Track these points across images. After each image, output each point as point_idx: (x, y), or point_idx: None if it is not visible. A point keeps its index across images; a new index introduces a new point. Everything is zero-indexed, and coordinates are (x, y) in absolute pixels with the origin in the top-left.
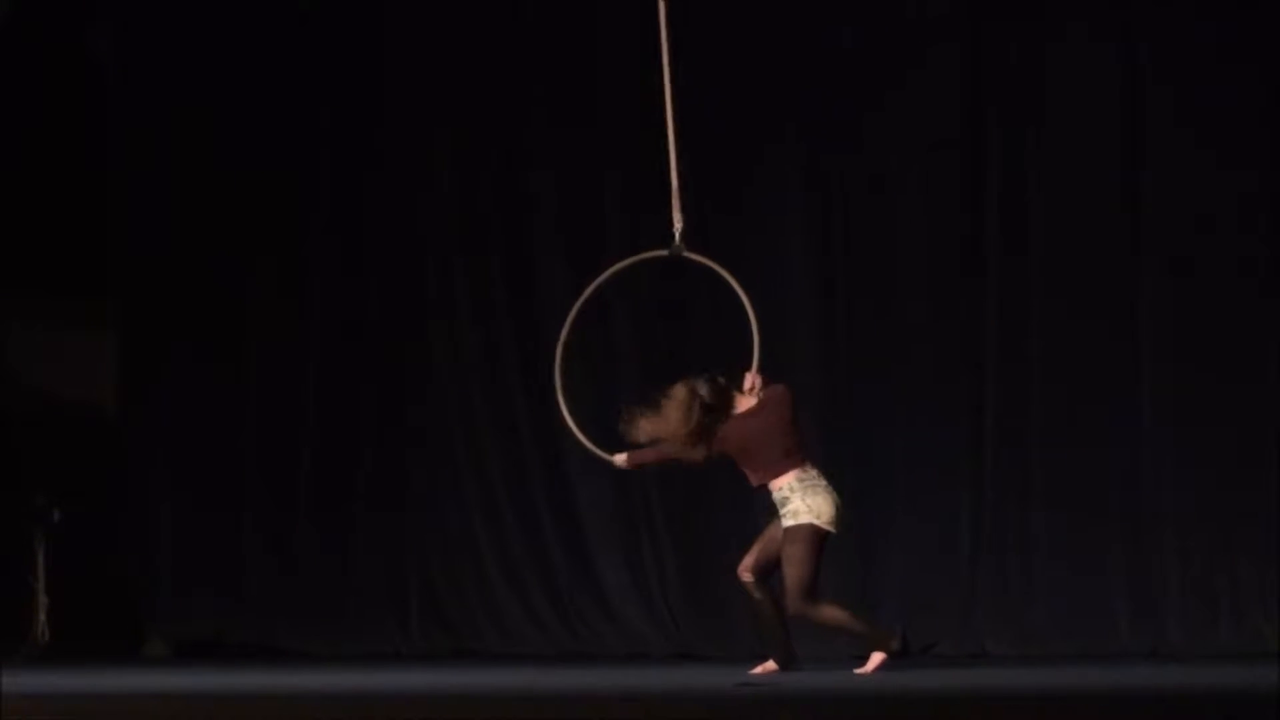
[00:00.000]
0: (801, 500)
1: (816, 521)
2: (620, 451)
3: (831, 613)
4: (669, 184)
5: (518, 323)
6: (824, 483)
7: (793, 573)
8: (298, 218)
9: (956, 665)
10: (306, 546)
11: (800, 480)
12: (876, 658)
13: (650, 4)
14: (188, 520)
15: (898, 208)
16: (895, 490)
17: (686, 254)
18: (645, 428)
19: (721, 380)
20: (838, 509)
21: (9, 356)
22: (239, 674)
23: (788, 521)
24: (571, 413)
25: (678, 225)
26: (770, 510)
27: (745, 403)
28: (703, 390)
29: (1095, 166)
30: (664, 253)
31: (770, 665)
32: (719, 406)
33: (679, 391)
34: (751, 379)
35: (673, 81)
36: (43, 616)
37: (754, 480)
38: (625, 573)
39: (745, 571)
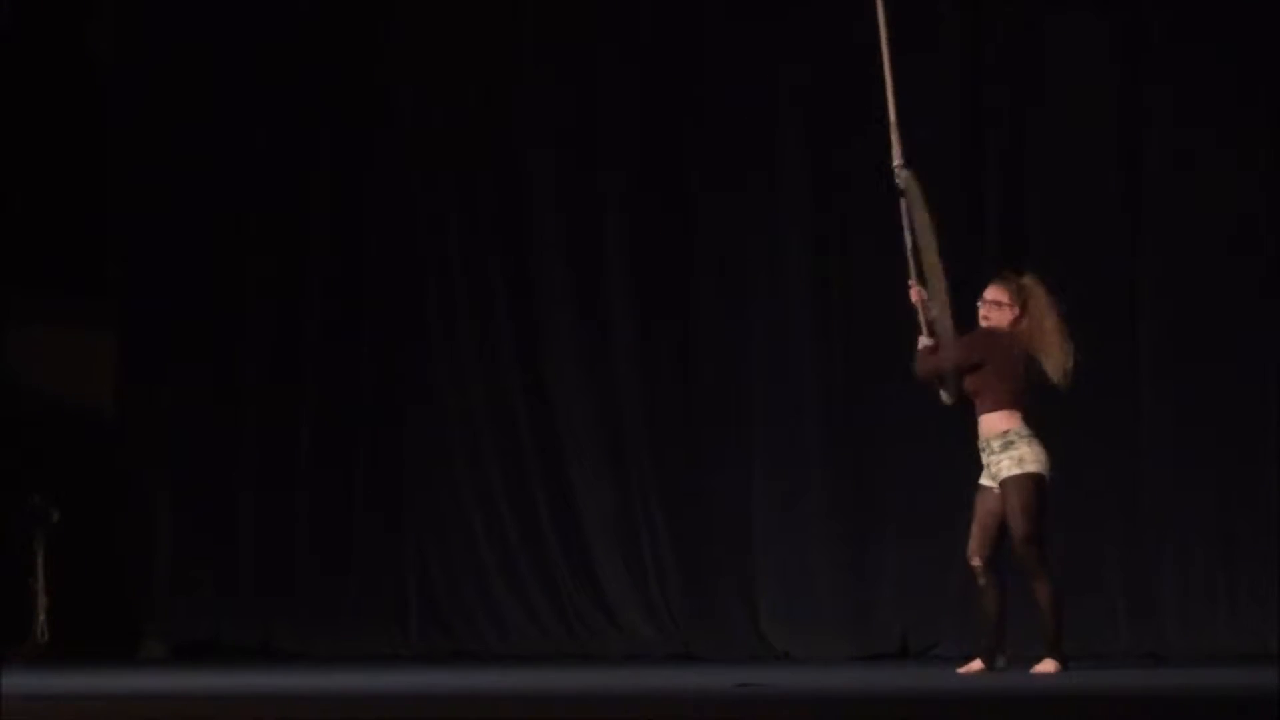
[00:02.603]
0: (1028, 447)
1: (1044, 472)
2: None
3: (1045, 587)
4: (888, 123)
5: (517, 323)
6: (1038, 434)
7: (1023, 525)
8: (296, 218)
9: (956, 666)
10: (305, 547)
11: (1026, 426)
12: (1048, 664)
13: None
14: (186, 521)
15: (895, 206)
16: (894, 491)
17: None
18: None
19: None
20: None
21: (7, 357)
22: (237, 675)
23: (1011, 470)
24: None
25: (898, 162)
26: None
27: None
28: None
29: (1093, 168)
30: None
31: (977, 664)
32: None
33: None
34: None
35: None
36: (41, 617)
37: (980, 411)
38: (625, 574)
39: (974, 556)
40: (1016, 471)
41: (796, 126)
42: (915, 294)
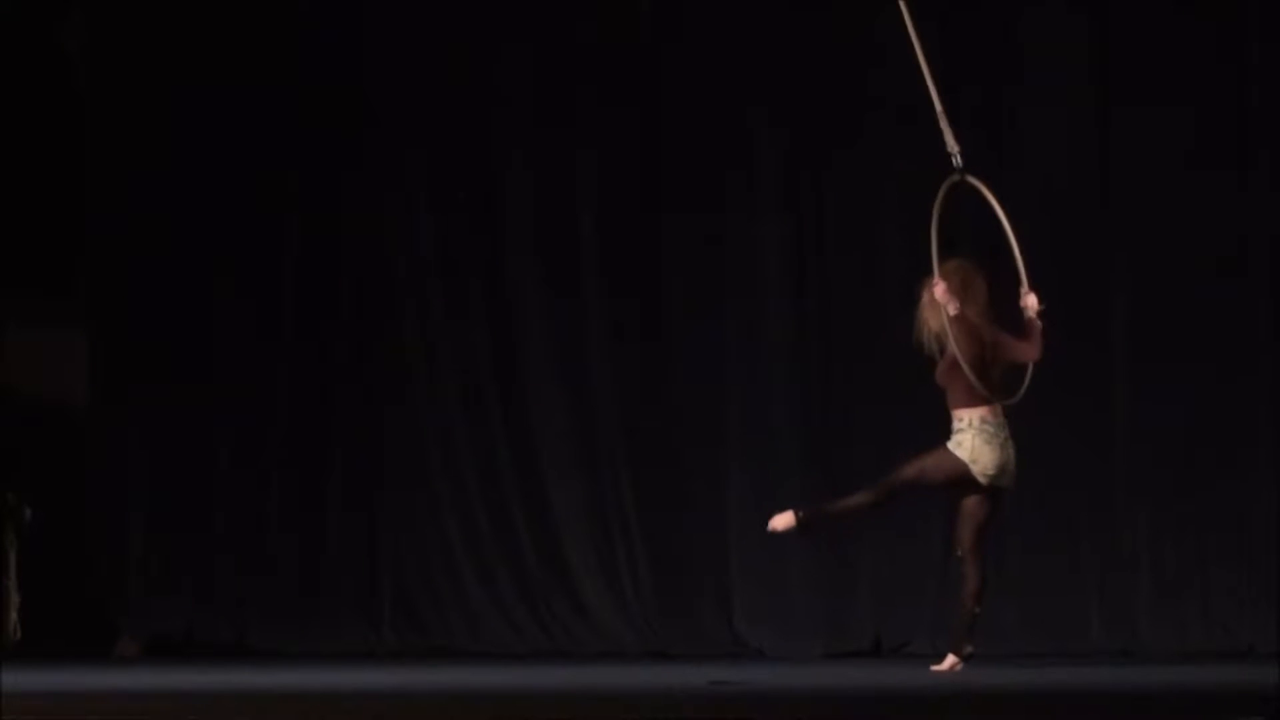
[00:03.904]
0: (971, 440)
1: (971, 465)
2: None
3: (854, 504)
4: (935, 111)
5: (492, 323)
6: (1002, 437)
7: (913, 466)
8: (271, 217)
9: (929, 664)
10: (278, 545)
11: (983, 422)
12: (949, 660)
13: (631, 10)
14: (159, 519)
15: (875, 209)
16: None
17: (968, 178)
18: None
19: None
20: (1002, 467)
21: None
22: (211, 673)
23: (949, 444)
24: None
25: (955, 148)
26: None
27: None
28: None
29: (1068, 173)
30: (956, 177)
31: (950, 660)
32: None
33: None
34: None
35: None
36: (14, 615)
37: (951, 406)
38: (598, 571)
39: (958, 546)
40: (949, 445)
41: (777, 128)
42: (941, 291)
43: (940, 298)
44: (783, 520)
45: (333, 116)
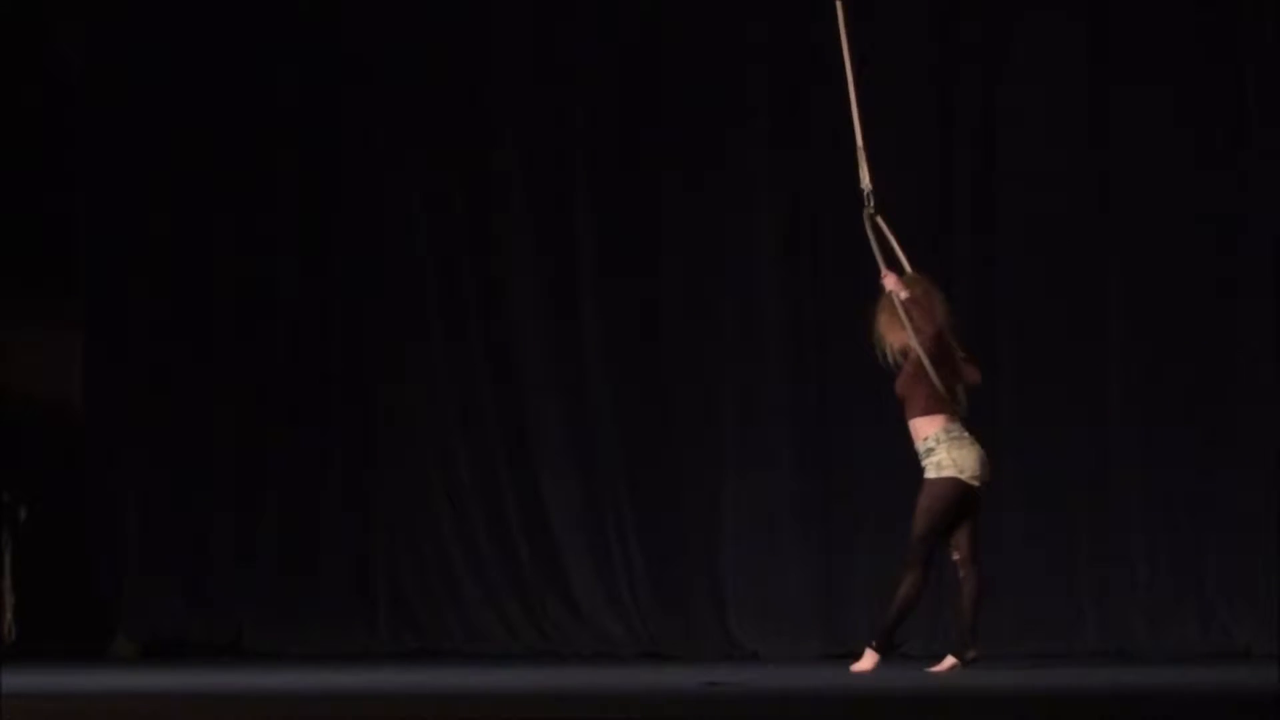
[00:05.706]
0: (947, 453)
1: (960, 476)
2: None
3: (910, 584)
4: (855, 147)
5: (488, 325)
6: (969, 436)
7: (919, 524)
8: (267, 217)
9: (925, 665)
10: (274, 546)
11: (946, 432)
12: (949, 661)
13: (623, 7)
14: (155, 519)
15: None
16: (863, 491)
17: (878, 219)
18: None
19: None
20: (983, 463)
21: None
22: (207, 673)
23: (930, 474)
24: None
25: (868, 187)
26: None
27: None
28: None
29: (1064, 167)
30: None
31: (949, 661)
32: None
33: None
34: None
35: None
36: (9, 615)
37: (907, 416)
38: (593, 572)
39: (954, 551)
40: (933, 475)
41: (777, 129)
42: (892, 281)
43: (892, 286)
44: (866, 663)
45: (332, 120)
